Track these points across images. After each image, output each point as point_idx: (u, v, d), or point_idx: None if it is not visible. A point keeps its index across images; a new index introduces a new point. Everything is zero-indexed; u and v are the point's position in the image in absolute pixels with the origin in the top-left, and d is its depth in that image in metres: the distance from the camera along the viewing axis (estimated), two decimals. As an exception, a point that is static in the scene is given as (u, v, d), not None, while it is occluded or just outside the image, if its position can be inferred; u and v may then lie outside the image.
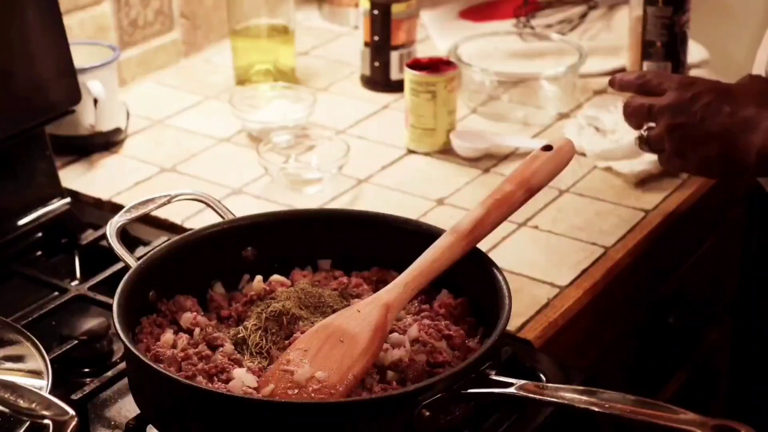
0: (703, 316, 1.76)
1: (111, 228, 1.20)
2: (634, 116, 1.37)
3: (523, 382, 1.02)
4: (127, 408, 1.17)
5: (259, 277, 1.20)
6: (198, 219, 1.46)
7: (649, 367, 1.62)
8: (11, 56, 1.38)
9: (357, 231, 1.23)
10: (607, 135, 1.63)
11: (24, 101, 1.41)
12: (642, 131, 1.37)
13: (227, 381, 1.07)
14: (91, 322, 1.24)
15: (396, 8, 1.76)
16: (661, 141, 1.34)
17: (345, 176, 1.58)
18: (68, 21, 1.64)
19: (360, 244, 1.23)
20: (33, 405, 0.95)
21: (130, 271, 1.14)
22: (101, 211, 1.52)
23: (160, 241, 1.36)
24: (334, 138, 1.63)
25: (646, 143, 1.37)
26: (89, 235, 1.44)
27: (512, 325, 1.28)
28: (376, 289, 1.16)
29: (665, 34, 1.75)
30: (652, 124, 1.36)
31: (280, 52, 1.83)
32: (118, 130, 1.66)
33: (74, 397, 1.13)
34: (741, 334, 1.64)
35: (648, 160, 1.56)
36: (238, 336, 1.12)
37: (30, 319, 1.25)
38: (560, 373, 1.20)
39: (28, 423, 0.97)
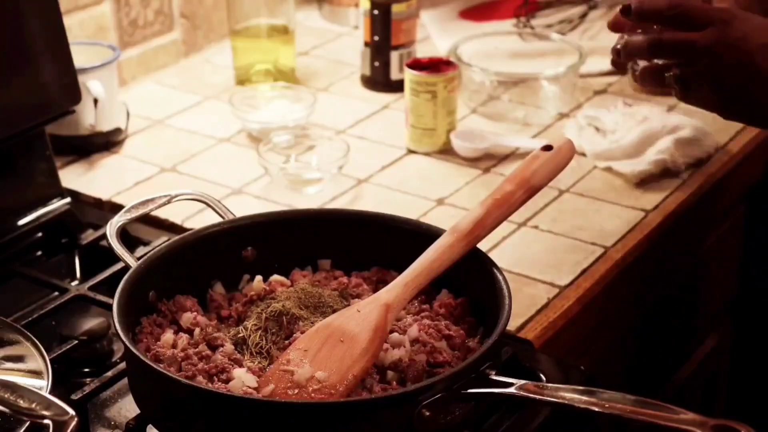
0: (703, 316, 1.77)
1: (111, 228, 1.20)
2: (666, 53, 1.19)
3: (523, 382, 1.02)
4: (127, 408, 1.16)
5: (259, 277, 1.20)
6: (198, 219, 1.46)
7: (649, 367, 1.62)
8: (11, 56, 1.38)
9: (357, 231, 1.23)
10: (607, 135, 1.63)
11: (24, 101, 1.41)
12: (672, 71, 1.19)
13: (227, 381, 1.06)
14: (91, 322, 1.24)
15: (396, 8, 1.76)
16: (700, 83, 1.18)
17: (345, 176, 1.58)
18: (68, 21, 1.64)
19: (360, 244, 1.23)
20: (33, 405, 0.95)
21: (130, 271, 1.14)
22: (101, 211, 1.52)
23: (160, 241, 1.36)
24: (334, 138, 1.63)
25: (680, 82, 1.18)
26: (89, 235, 1.44)
27: (512, 325, 1.27)
28: (376, 289, 1.16)
29: None
30: (656, 61, 1.21)
31: (280, 52, 1.83)
32: (118, 130, 1.66)
33: (74, 397, 1.13)
34: (741, 335, 1.64)
35: (648, 160, 1.56)
36: (238, 336, 1.12)
37: (30, 319, 1.25)
38: (560, 373, 1.20)
39: (28, 423, 0.97)
